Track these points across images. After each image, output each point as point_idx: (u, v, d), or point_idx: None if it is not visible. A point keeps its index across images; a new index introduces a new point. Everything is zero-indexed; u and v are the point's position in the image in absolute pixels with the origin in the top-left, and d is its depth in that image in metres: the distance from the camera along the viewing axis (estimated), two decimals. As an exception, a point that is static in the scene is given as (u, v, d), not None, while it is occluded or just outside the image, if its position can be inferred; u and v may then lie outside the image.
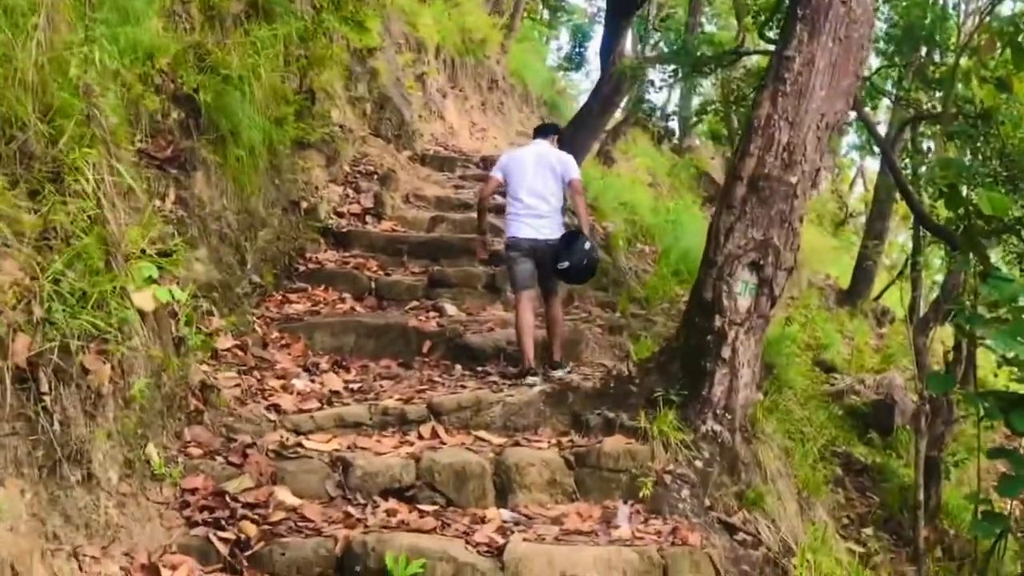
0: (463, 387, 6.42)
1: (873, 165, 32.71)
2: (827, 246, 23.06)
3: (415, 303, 8.60)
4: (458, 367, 7.12)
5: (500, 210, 8.33)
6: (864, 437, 11.60)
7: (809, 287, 19.19)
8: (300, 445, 5.06)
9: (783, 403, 6.22)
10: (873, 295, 19.86)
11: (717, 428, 5.39)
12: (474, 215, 8.38)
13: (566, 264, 6.88)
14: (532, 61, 24.21)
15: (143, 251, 4.83)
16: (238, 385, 5.49)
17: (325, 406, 5.52)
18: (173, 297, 4.69)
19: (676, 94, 30.65)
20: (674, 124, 27.35)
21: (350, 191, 10.65)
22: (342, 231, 9.69)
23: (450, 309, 8.33)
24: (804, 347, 13.37)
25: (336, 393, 5.91)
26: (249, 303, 7.20)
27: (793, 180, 5.65)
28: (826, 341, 15.35)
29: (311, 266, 8.83)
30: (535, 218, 7.12)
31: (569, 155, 7.56)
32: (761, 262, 5.59)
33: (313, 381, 6.09)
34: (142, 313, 4.53)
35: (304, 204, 9.58)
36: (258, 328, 6.93)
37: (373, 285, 8.71)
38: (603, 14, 35.49)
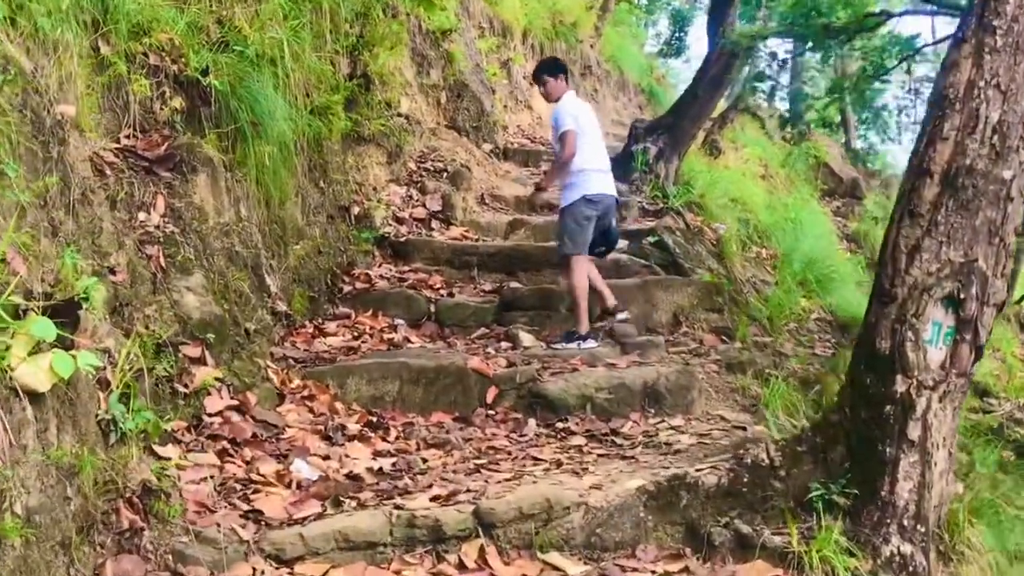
0: (537, 459, 4.75)
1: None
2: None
3: (483, 330, 6.98)
4: (531, 423, 5.46)
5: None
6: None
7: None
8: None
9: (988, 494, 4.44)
10: (1016, 297, 17.50)
11: (906, 549, 3.61)
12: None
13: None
14: (628, 46, 22.40)
15: (48, 295, 3.29)
16: (209, 478, 3.90)
17: (330, 509, 3.86)
18: (83, 367, 3.11)
19: (785, 75, 28.56)
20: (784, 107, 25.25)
21: (414, 192, 9.07)
22: (400, 240, 8.12)
23: (525, 339, 6.68)
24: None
25: (356, 479, 4.27)
26: (264, 341, 5.65)
27: (1007, 175, 3.84)
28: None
29: (359, 285, 7.27)
30: (607, 174, 6.95)
31: None
32: (961, 295, 3.79)
33: (329, 458, 4.47)
34: (34, 395, 2.98)
35: (356, 209, 8.04)
36: (273, 376, 5.37)
37: (432, 308, 7.10)
38: (702, 0, 33.73)
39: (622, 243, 8.52)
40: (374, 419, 5.26)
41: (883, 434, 3.69)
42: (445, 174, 9.52)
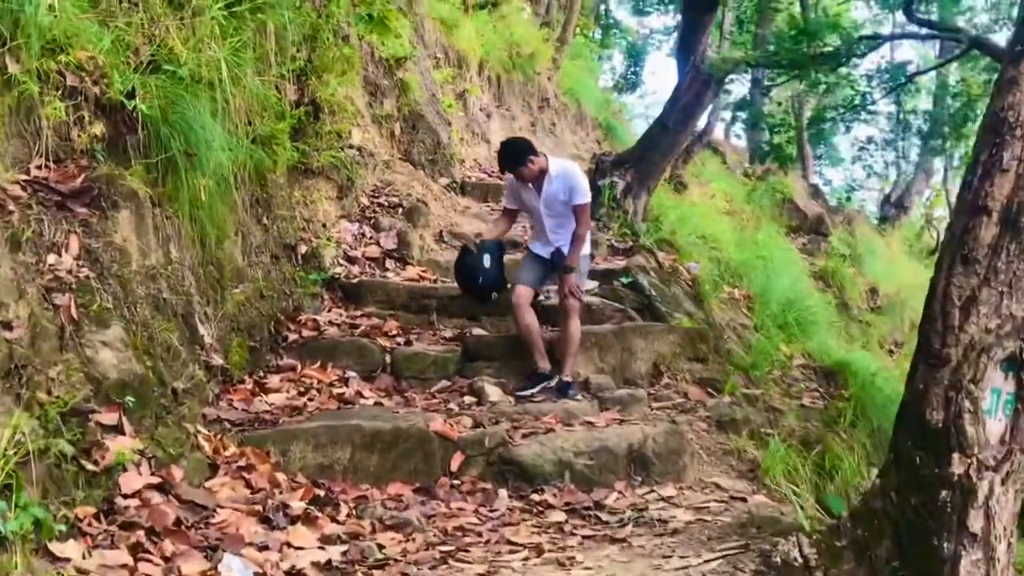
0: (512, 544, 4.06)
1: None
2: (921, 281, 20.32)
3: (444, 383, 6.29)
4: (503, 495, 4.77)
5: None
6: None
7: (911, 329, 16.60)
8: None
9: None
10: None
11: (974, 672, 2.98)
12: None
13: None
14: (586, 80, 21.93)
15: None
16: (111, 587, 3.17)
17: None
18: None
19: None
20: (741, 143, 24.95)
21: (367, 229, 8.38)
22: (352, 282, 7.41)
23: (492, 392, 6.00)
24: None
25: (299, 575, 3.56)
26: (196, 402, 4.90)
27: (1075, 211, 3.24)
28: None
29: (306, 333, 6.54)
30: None
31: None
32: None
33: (267, 548, 3.73)
34: None
35: (303, 248, 7.32)
36: (204, 443, 4.63)
37: (388, 358, 6.40)
38: (655, 36, 33.55)
39: (591, 284, 7.90)
40: (322, 493, 4.54)
41: (939, 526, 3.05)
42: (400, 209, 8.85)
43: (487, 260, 6.45)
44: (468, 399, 6.00)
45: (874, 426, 6.91)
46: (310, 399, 5.59)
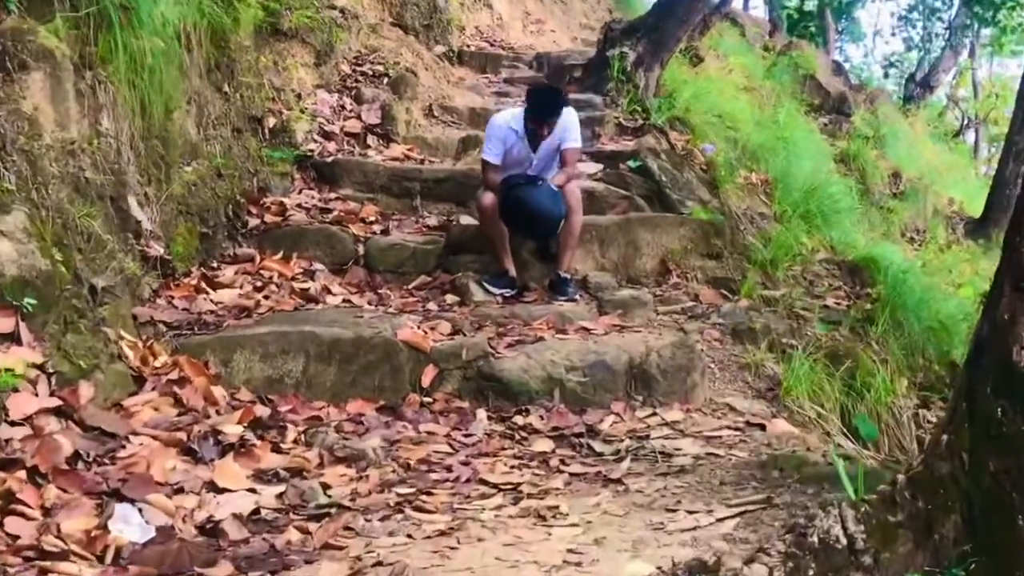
0: (485, 484, 3.38)
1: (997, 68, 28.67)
2: (944, 164, 19.36)
3: (424, 278, 5.56)
4: (481, 416, 4.09)
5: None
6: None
7: (934, 215, 15.76)
8: None
9: None
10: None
11: None
12: None
13: None
14: (599, -57, 20.58)
15: None
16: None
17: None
18: None
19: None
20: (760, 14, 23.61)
21: (347, 101, 7.54)
22: (326, 161, 6.61)
23: (477, 292, 5.28)
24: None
25: (215, 535, 2.85)
26: (124, 301, 4.18)
27: None
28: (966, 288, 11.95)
29: (269, 218, 5.79)
30: None
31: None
32: None
33: (183, 491, 3.04)
34: None
35: (271, 121, 6.53)
36: (128, 351, 3.93)
37: (361, 249, 5.66)
38: None
39: (595, 168, 7.10)
40: (267, 414, 3.85)
41: (1025, 500, 2.35)
42: (386, 79, 7.97)
43: (551, 184, 5.39)
44: (450, 298, 5.29)
45: (906, 332, 6.20)
46: (265, 297, 4.87)
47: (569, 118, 5.55)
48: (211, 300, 4.65)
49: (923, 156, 17.77)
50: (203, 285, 4.77)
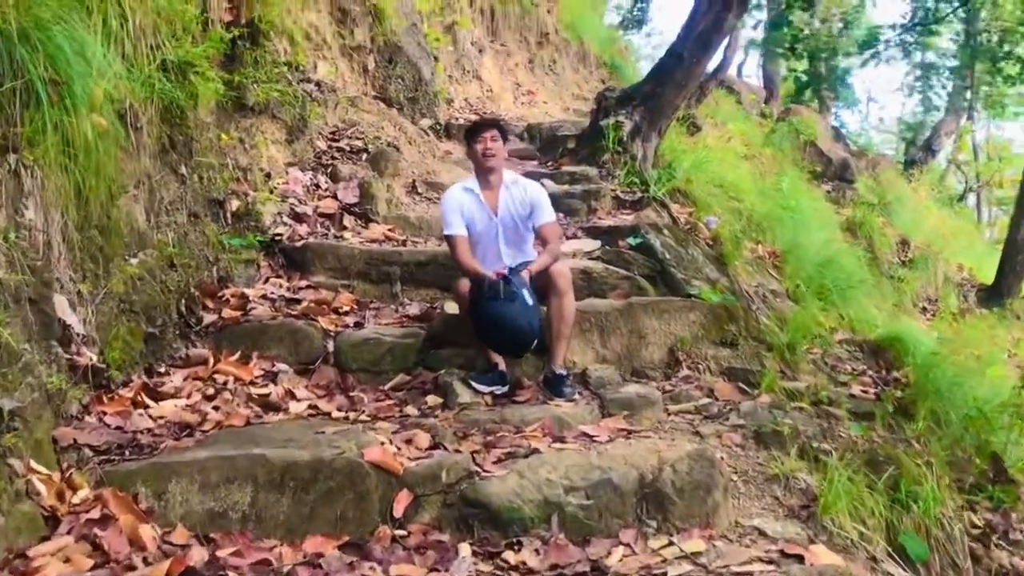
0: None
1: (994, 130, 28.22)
2: (950, 229, 18.81)
3: (403, 377, 4.93)
4: (464, 553, 3.41)
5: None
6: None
7: (945, 283, 15.17)
8: None
9: None
10: (1024, 293, 15.59)
11: None
12: None
13: None
14: (588, 14, 20.30)
15: None
16: None
17: None
18: None
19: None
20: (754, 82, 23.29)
21: (322, 179, 6.97)
22: (296, 245, 6.01)
23: (462, 392, 4.65)
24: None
25: None
26: (42, 422, 3.53)
27: None
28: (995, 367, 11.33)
29: (228, 313, 5.16)
30: None
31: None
32: None
33: None
34: None
35: (235, 204, 5.93)
36: (40, 486, 3.28)
37: (331, 346, 5.02)
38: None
39: (592, 245, 6.52)
40: (203, 559, 3.18)
41: None
42: (365, 155, 7.42)
43: (527, 294, 4.65)
44: (432, 399, 4.66)
45: (942, 422, 5.57)
46: (216, 408, 4.21)
47: (537, 193, 5.04)
48: (150, 415, 4.00)
49: (929, 222, 17.24)
50: (142, 397, 4.13)
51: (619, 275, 5.89)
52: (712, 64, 12.47)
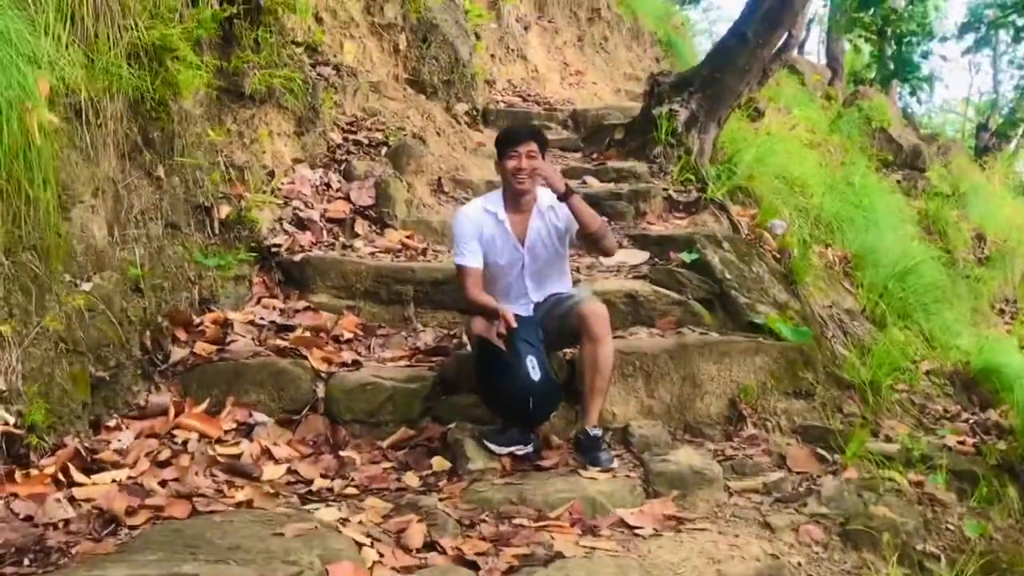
0: None
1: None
2: (1026, 222, 17.51)
3: (405, 431, 4.08)
4: None
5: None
6: None
7: (1022, 281, 14.02)
8: None
9: None
10: None
11: None
12: None
13: None
14: (644, -13, 19.23)
15: None
16: None
17: None
18: None
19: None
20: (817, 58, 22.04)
21: (334, 177, 6.12)
22: (294, 259, 5.17)
23: (476, 456, 3.79)
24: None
25: None
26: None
27: None
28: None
29: (202, 347, 4.33)
30: None
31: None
32: None
33: None
34: None
35: (224, 210, 5.09)
36: None
37: (321, 391, 4.18)
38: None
39: (640, 257, 5.63)
40: None
41: None
42: (385, 149, 6.55)
43: (531, 362, 3.76)
44: (437, 463, 3.80)
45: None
46: (161, 483, 3.38)
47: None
48: (72, 500, 3.16)
49: (1004, 214, 16.01)
50: (69, 471, 3.30)
51: (670, 299, 4.98)
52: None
